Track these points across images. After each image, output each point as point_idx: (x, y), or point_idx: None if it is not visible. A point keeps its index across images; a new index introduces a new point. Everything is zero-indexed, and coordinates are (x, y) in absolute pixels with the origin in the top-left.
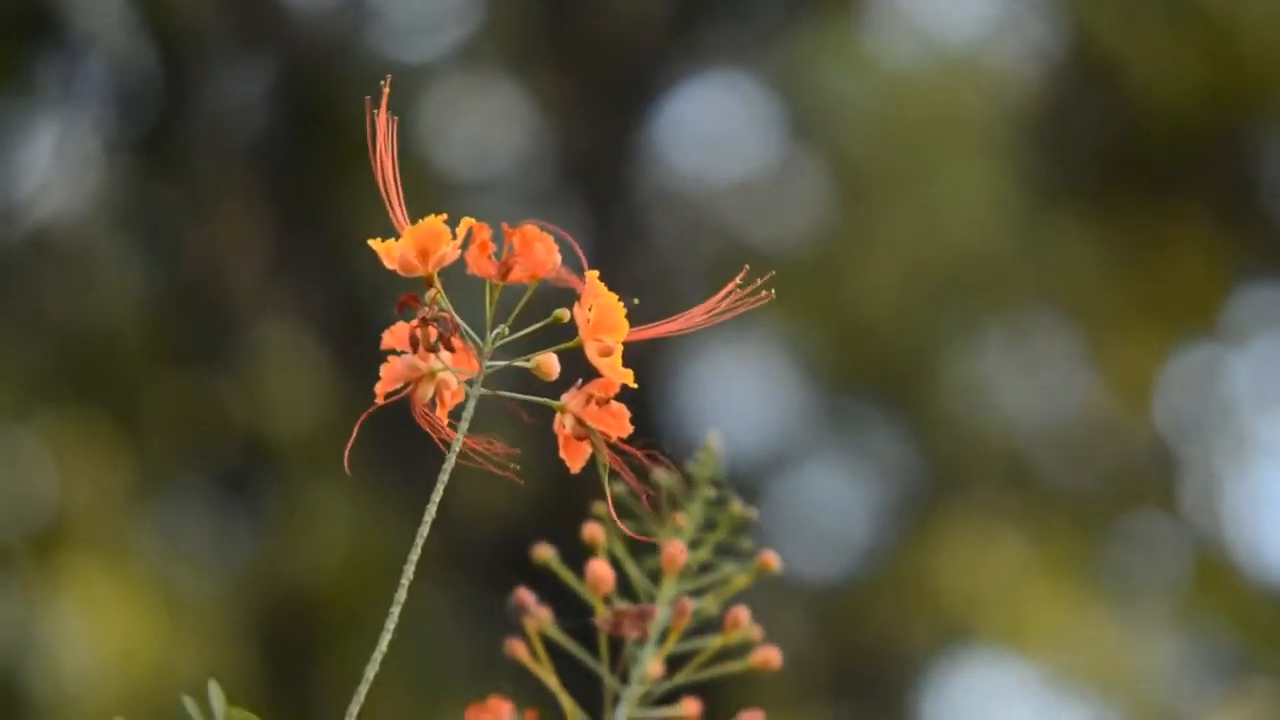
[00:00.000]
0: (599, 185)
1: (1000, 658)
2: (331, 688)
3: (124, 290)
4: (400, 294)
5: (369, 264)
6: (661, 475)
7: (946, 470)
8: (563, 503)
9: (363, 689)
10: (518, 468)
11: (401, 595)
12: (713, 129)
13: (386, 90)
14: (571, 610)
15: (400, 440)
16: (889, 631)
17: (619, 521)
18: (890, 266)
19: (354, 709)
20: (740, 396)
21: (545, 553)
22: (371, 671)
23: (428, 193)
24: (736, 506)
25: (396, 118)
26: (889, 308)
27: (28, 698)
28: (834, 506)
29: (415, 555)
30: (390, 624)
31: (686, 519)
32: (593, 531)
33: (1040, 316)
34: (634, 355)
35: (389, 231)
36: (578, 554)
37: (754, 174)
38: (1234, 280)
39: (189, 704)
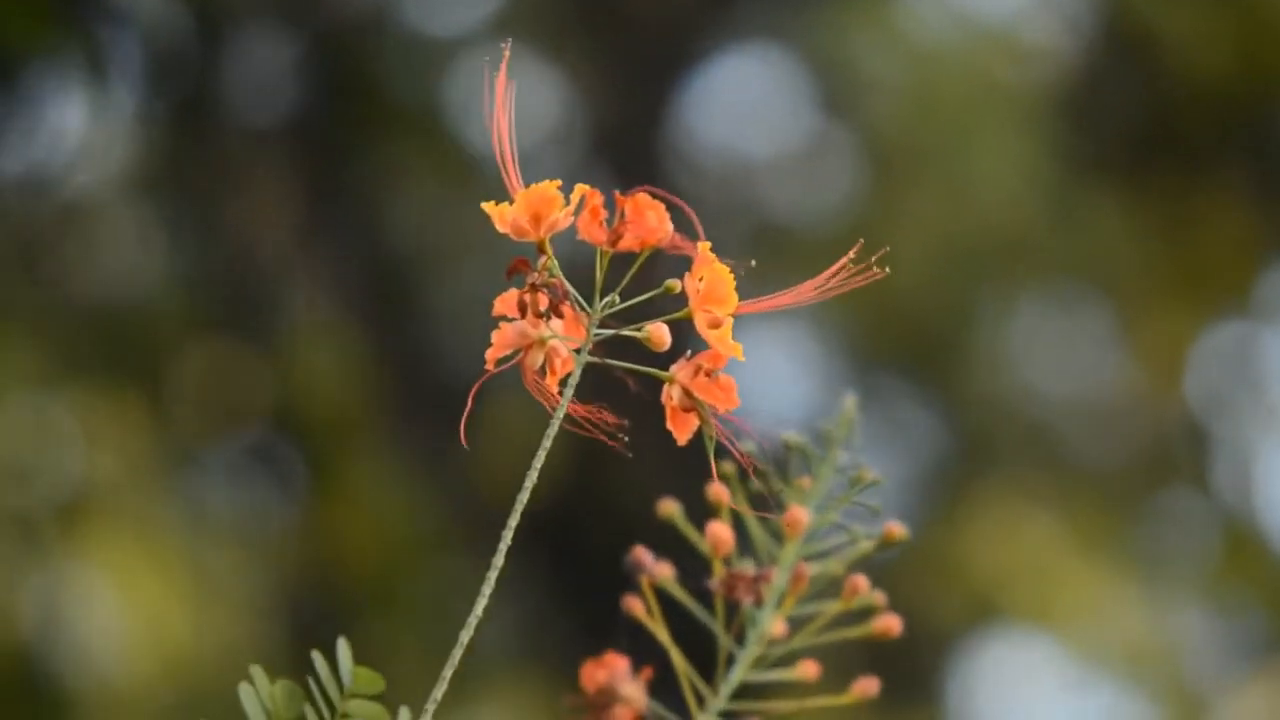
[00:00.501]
0: (629, 159)
1: (1029, 636)
2: (362, 661)
3: (154, 261)
4: (512, 259)
5: (401, 235)
6: (794, 438)
7: (977, 446)
8: (594, 474)
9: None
10: (626, 438)
11: (499, 563)
12: (745, 103)
13: (506, 53)
14: (687, 572)
15: (428, 415)
16: (918, 608)
17: (748, 480)
18: (922, 241)
19: (438, 694)
20: (769, 371)
21: (670, 508)
22: (449, 670)
23: (457, 166)
24: (867, 471)
25: (514, 81)
26: (920, 283)
27: (56, 671)
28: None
29: (514, 522)
30: (481, 602)
31: (813, 482)
32: (717, 491)
33: (1072, 292)
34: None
35: (423, 203)
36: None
37: (785, 148)
38: (1267, 255)
39: (246, 692)
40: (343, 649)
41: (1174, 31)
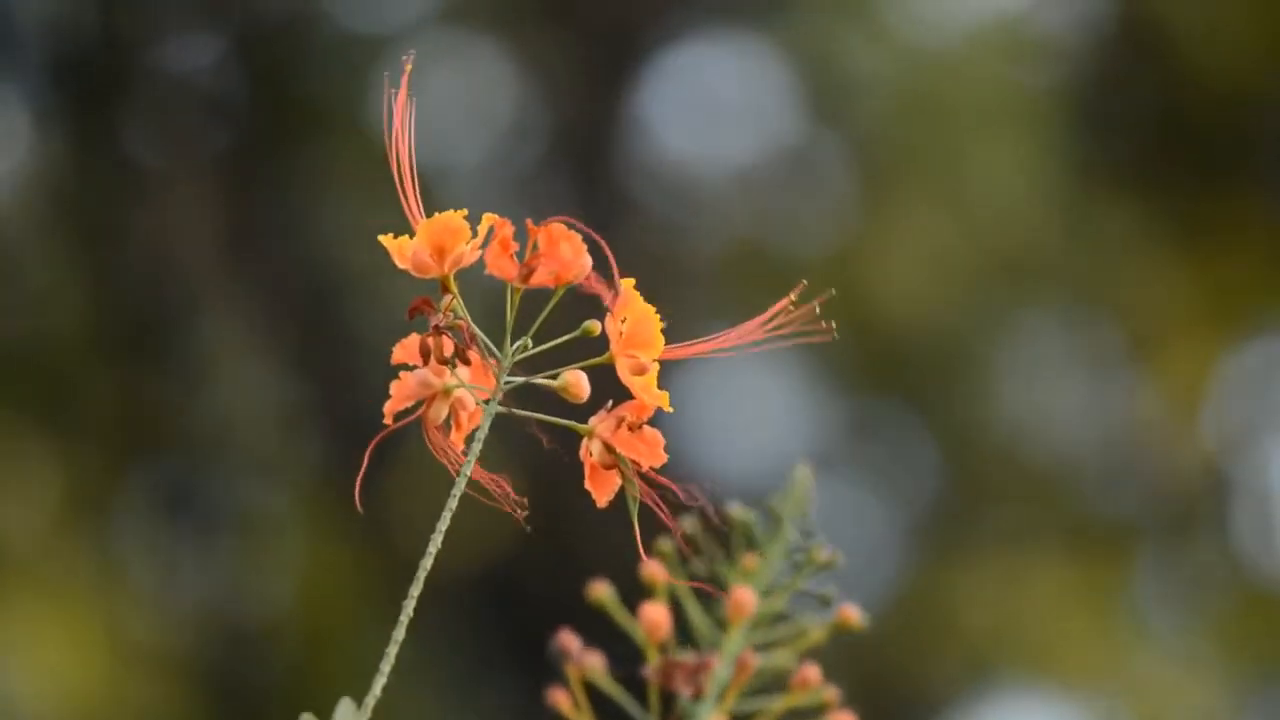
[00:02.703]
0: (588, 165)
1: (1033, 696)
2: None
3: (57, 280)
4: (412, 298)
5: (331, 250)
6: (738, 513)
7: (975, 487)
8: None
9: None
10: (526, 512)
11: (399, 637)
12: (719, 104)
13: (408, 68)
14: (621, 658)
15: (360, 456)
16: (912, 665)
17: (686, 560)
18: (916, 260)
19: None
20: (751, 404)
21: (601, 591)
22: None
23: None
24: (821, 551)
25: (414, 99)
26: (915, 306)
27: None
28: (853, 527)
29: (416, 591)
30: (380, 680)
31: (760, 562)
32: (652, 570)
33: (1080, 314)
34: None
35: (354, 217)
36: (566, 594)
37: (764, 155)
38: None
39: None
40: None
41: (1191, 27)
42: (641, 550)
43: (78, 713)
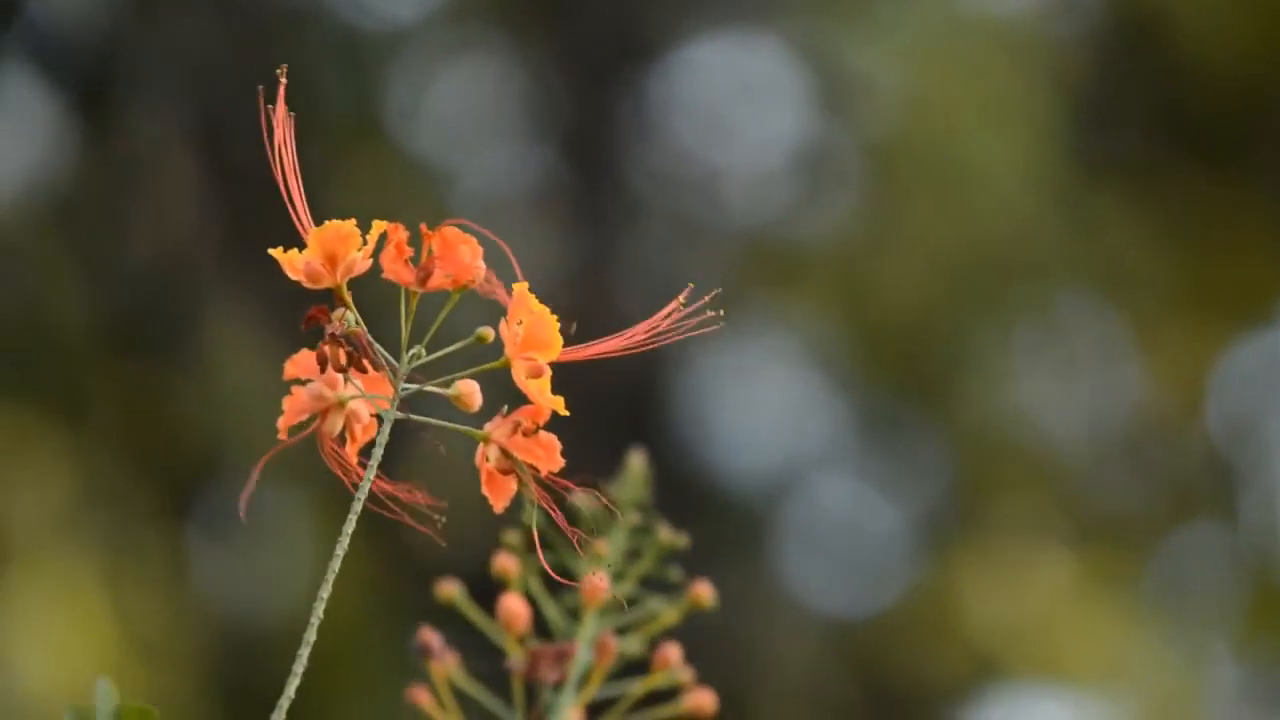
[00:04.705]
0: (592, 164)
1: (1038, 693)
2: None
3: (64, 274)
4: (309, 309)
5: None
6: (581, 499)
7: (981, 481)
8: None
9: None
10: (442, 520)
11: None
12: (723, 100)
13: (284, 81)
14: (484, 652)
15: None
16: (916, 664)
17: (537, 551)
18: (918, 255)
19: None
20: (752, 402)
21: (450, 590)
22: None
23: (396, 176)
24: (665, 533)
25: (293, 115)
26: (916, 301)
27: None
28: (856, 524)
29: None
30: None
31: (610, 548)
32: (504, 564)
33: (1082, 305)
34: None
35: (358, 206)
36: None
37: (769, 152)
38: None
39: (71, 711)
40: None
41: (1192, 19)
42: (540, 554)
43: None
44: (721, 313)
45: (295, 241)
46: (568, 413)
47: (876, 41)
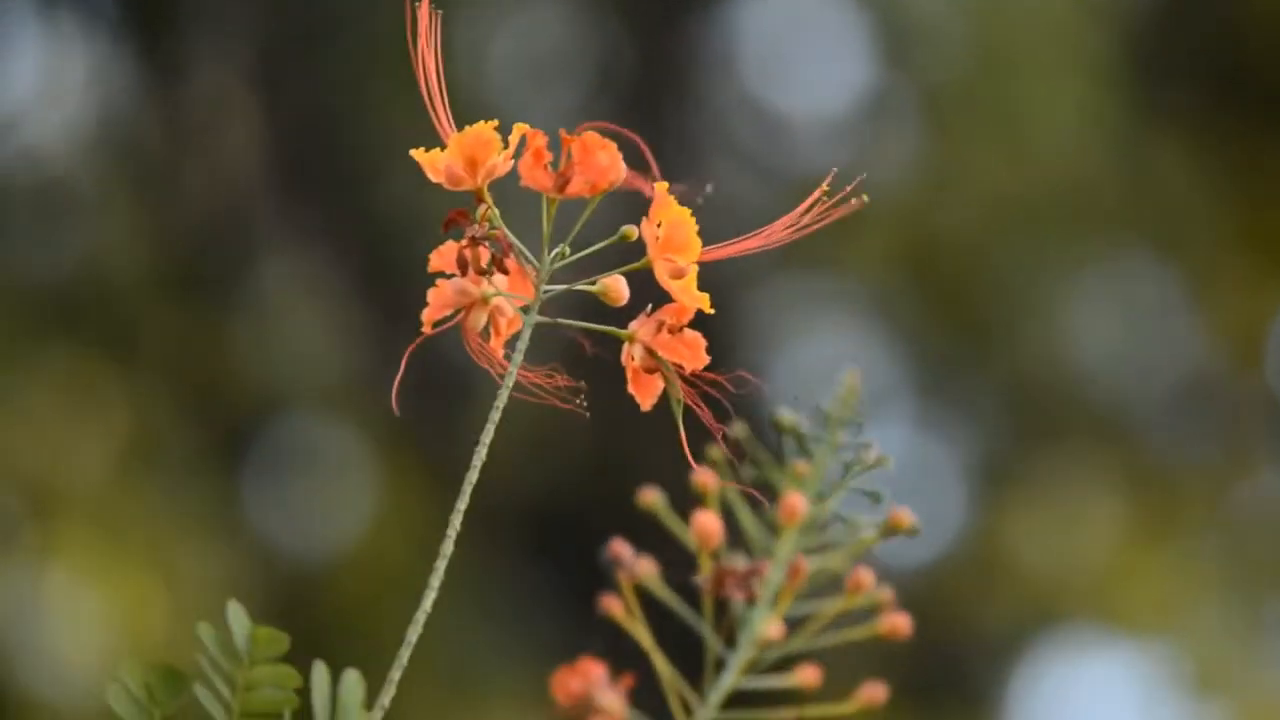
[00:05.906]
0: (652, 108)
1: (1093, 641)
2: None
3: (119, 220)
4: (445, 211)
5: (395, 184)
6: (786, 416)
7: (1036, 428)
8: (609, 463)
9: (386, 694)
10: (584, 402)
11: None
12: (787, 49)
13: None
14: (673, 567)
15: (431, 386)
16: (972, 613)
17: (735, 466)
18: (977, 201)
19: (384, 699)
20: (812, 344)
21: (651, 498)
22: (397, 673)
23: (459, 122)
24: (871, 453)
25: (440, 11)
26: (975, 248)
27: (22, 684)
28: (911, 471)
29: (462, 505)
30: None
31: (811, 466)
32: (703, 478)
33: (1141, 255)
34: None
35: (418, 145)
36: (630, 522)
37: (830, 99)
38: None
39: (115, 691)
40: (236, 612)
41: None
42: (689, 453)
43: (137, 652)
44: (865, 199)
45: (355, 180)
46: (712, 310)
47: None
